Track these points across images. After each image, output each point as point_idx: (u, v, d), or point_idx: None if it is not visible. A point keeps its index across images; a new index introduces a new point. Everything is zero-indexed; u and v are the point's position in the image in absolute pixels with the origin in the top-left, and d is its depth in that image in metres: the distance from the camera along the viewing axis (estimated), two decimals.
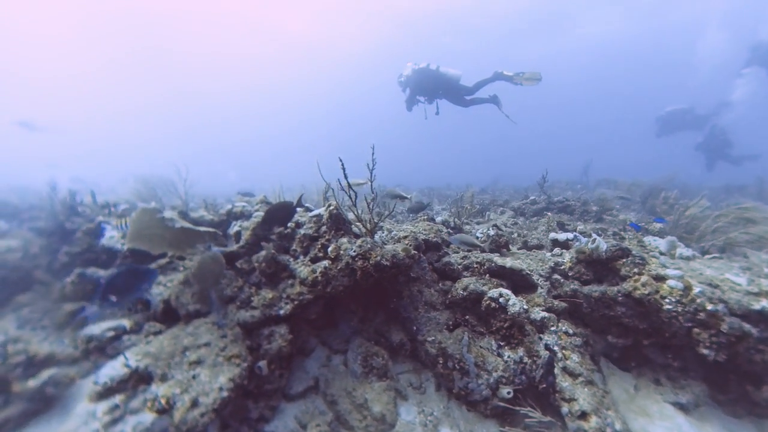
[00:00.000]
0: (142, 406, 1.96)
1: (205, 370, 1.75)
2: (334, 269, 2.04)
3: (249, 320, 2.17)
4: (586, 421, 1.66)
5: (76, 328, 2.75)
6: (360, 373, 2.36)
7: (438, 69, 6.52)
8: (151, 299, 2.60)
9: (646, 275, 1.99)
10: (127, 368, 1.87)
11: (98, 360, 2.51)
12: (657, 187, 4.66)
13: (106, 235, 3.05)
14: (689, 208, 3.30)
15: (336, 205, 2.36)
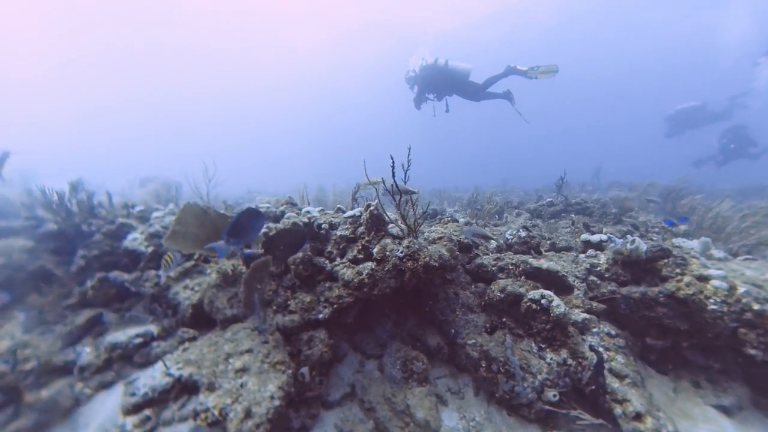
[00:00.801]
0: (178, 416, 1.95)
1: (252, 378, 1.74)
2: (381, 271, 2.07)
3: (288, 325, 2.18)
4: (642, 422, 1.71)
5: (96, 336, 2.72)
6: (399, 379, 2.38)
7: (447, 64, 6.46)
8: (180, 302, 2.59)
9: (689, 275, 2.07)
10: (169, 377, 1.83)
11: (122, 369, 2.47)
12: (676, 189, 4.81)
13: (129, 237, 3.02)
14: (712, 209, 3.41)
15: (376, 206, 2.40)
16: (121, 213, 3.54)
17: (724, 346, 2.09)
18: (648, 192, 5.42)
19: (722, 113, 10.77)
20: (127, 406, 1.75)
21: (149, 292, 2.58)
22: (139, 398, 1.71)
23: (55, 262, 3.17)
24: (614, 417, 1.86)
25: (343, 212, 2.91)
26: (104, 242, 3.14)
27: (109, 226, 3.18)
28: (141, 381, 1.91)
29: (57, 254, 3.27)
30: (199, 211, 2.23)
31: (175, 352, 2.12)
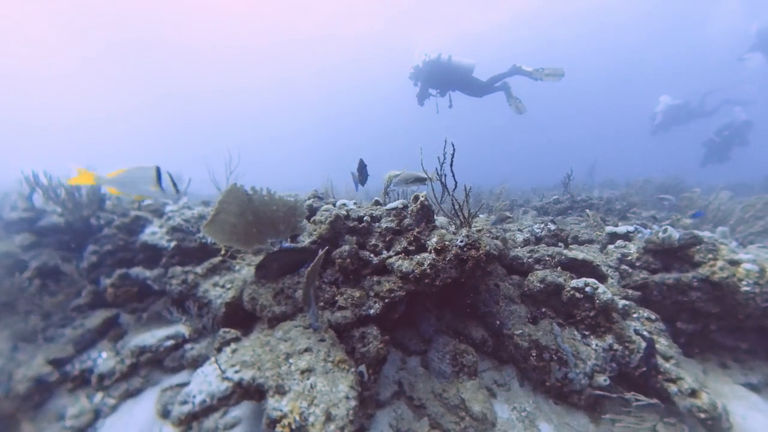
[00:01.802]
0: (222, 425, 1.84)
1: (320, 379, 1.65)
2: (442, 261, 2.09)
3: (341, 321, 2.13)
4: (698, 398, 1.84)
5: (113, 339, 2.53)
6: (450, 373, 2.40)
7: (450, 59, 6.51)
8: (211, 301, 2.47)
9: (721, 260, 2.26)
10: (228, 381, 1.68)
11: (150, 374, 2.30)
12: (672, 185, 5.21)
13: (147, 230, 2.84)
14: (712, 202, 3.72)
15: (426, 197, 2.41)
16: (131, 206, 3.32)
17: (750, 327, 2.29)
18: (645, 188, 5.84)
19: (702, 110, 11.65)
20: (179, 416, 1.57)
21: (176, 290, 2.44)
22: (196, 406, 1.56)
23: (61, 258, 2.92)
24: (668, 395, 1.98)
25: (381, 204, 2.90)
26: (118, 236, 2.93)
27: (122, 219, 2.97)
28: (194, 387, 1.72)
29: (62, 249, 3.02)
30: (243, 197, 2.12)
31: (223, 354, 1.97)
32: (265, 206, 2.18)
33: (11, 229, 2.97)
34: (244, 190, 2.12)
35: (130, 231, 3.01)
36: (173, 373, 2.26)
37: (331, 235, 2.50)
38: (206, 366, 1.77)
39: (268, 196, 2.16)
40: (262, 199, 2.15)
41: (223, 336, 2.05)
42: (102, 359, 2.30)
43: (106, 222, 3.20)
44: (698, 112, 11.68)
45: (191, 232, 2.87)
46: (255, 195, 2.14)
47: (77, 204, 2.99)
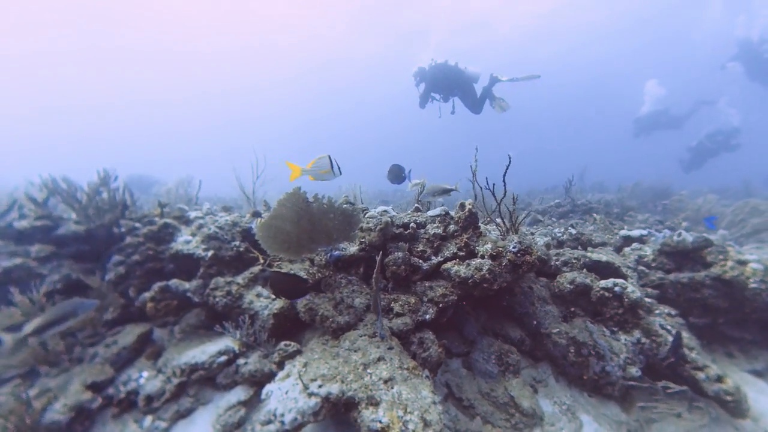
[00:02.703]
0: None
1: (403, 387, 1.70)
2: (498, 266, 2.23)
3: (403, 328, 2.22)
4: (724, 383, 2.11)
5: (151, 357, 2.45)
6: (496, 373, 2.55)
7: (457, 65, 6.65)
8: (258, 312, 2.46)
9: (731, 260, 2.58)
10: (314, 396, 1.63)
11: (200, 393, 2.22)
12: (662, 188, 5.75)
13: (180, 239, 2.77)
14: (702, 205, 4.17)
15: (473, 204, 2.55)
16: (154, 212, 3.19)
17: (754, 320, 2.63)
18: (636, 192, 6.38)
19: (682, 117, 12.73)
20: None
21: (221, 302, 2.40)
22: (287, 425, 1.53)
23: (82, 270, 2.78)
24: (696, 382, 2.24)
25: (420, 211, 3.01)
26: (146, 246, 2.82)
27: (149, 227, 2.87)
28: (277, 405, 1.67)
29: (82, 261, 2.86)
30: (302, 204, 2.13)
31: (293, 368, 1.91)
32: (322, 214, 2.22)
33: (24, 240, 2.78)
34: (305, 196, 2.15)
35: (158, 240, 2.92)
36: (225, 390, 2.20)
37: (380, 242, 2.58)
38: (281, 382, 1.78)
39: (328, 204, 2.21)
40: (321, 207, 2.19)
41: (284, 349, 2.06)
42: (144, 379, 2.21)
43: (127, 230, 3.07)
44: (677, 119, 12.78)
45: (227, 240, 2.83)
46: (315, 202, 2.17)
47: (99, 210, 2.85)
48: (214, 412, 2.08)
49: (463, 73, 6.63)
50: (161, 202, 3.30)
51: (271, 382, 1.86)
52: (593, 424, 2.38)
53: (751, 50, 10.71)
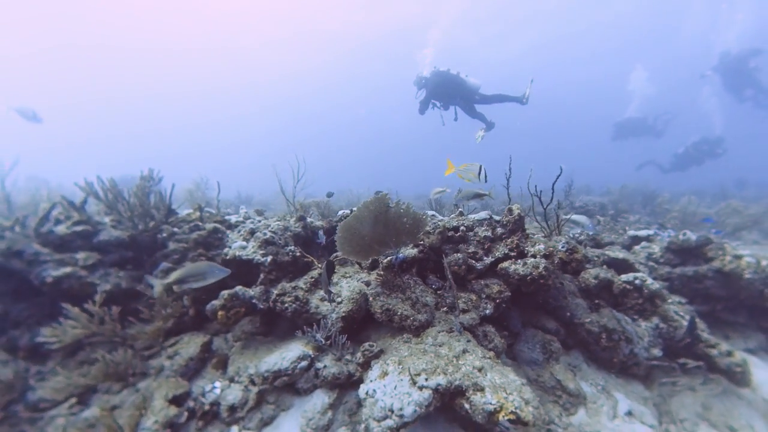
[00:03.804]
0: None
1: (494, 373, 1.91)
2: (551, 264, 2.52)
3: (471, 323, 2.45)
4: (734, 357, 2.55)
5: (218, 366, 2.47)
6: (542, 360, 2.86)
7: (458, 74, 6.87)
8: (326, 316, 2.57)
9: (729, 255, 3.08)
10: (426, 389, 1.77)
11: (280, 399, 2.26)
12: (648, 191, 6.46)
13: (236, 245, 2.80)
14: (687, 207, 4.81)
15: (520, 208, 2.83)
16: (192, 216, 3.16)
17: (747, 306, 3.15)
18: (623, 194, 7.10)
19: (656, 126, 13.98)
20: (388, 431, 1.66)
21: (291, 308, 2.49)
22: (407, 417, 1.66)
23: (128, 278, 2.72)
24: (710, 357, 2.68)
25: (463, 215, 3.25)
26: (197, 252, 2.82)
27: (199, 233, 2.87)
28: (389, 401, 1.77)
29: (125, 268, 2.80)
30: (382, 208, 2.29)
31: (388, 366, 2.00)
32: (397, 218, 2.39)
33: (65, 247, 2.67)
34: (387, 200, 2.30)
35: (206, 245, 2.92)
36: (305, 395, 2.26)
37: (438, 245, 2.78)
38: (380, 380, 1.92)
39: (405, 208, 2.38)
40: (398, 211, 2.36)
41: (369, 349, 2.20)
42: (219, 389, 2.22)
43: (168, 235, 3.03)
44: (652, 128, 14.07)
45: (281, 245, 2.90)
46: (394, 207, 2.34)
47: (147, 213, 2.80)
48: (297, 417, 2.15)
49: (464, 83, 6.84)
50: (199, 205, 3.27)
51: (366, 382, 2.00)
52: (626, 400, 2.75)
53: (729, 63, 11.76)
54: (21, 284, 2.79)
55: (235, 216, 3.45)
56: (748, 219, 4.06)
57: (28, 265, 2.44)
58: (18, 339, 2.48)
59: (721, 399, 2.69)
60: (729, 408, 2.61)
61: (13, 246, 2.42)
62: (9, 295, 2.73)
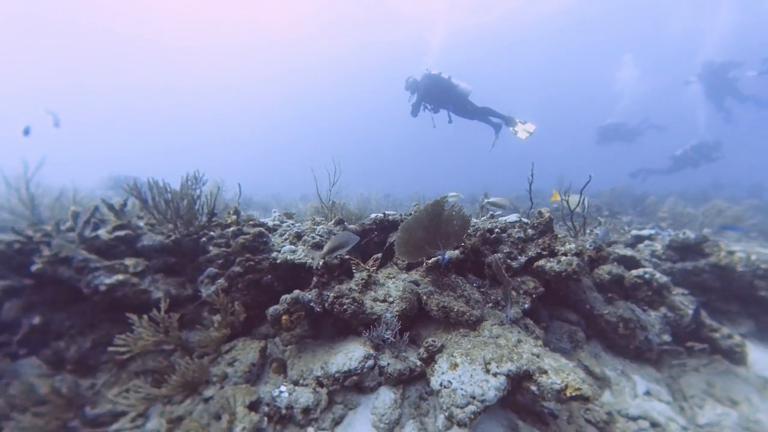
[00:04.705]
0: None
1: (548, 359, 2.15)
2: (582, 261, 2.83)
3: (516, 316, 2.71)
4: (734, 338, 2.98)
5: (278, 371, 2.55)
6: (569, 348, 3.17)
7: (450, 79, 6.95)
8: (380, 316, 2.73)
9: (723, 251, 3.54)
10: (500, 375, 2.00)
11: (347, 398, 2.38)
12: (641, 194, 7.07)
13: (286, 249, 2.89)
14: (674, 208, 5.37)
15: (549, 211, 3.12)
16: (228, 220, 3.20)
17: (738, 296, 3.64)
18: (614, 196, 7.71)
19: (636, 131, 14.99)
20: (470, 416, 1.86)
21: (350, 309, 2.61)
22: (489, 401, 1.88)
23: (174, 284, 2.75)
24: (713, 340, 3.10)
25: (494, 218, 3.51)
26: (244, 256, 2.88)
27: (244, 237, 2.92)
28: (470, 389, 1.97)
29: (168, 274, 2.81)
30: (439, 210, 2.48)
31: (456, 359, 2.21)
32: (449, 220, 2.60)
33: (108, 253, 2.64)
34: (444, 202, 2.49)
35: (252, 249, 2.98)
36: (370, 392, 2.38)
37: (479, 246, 3.02)
38: (452, 371, 2.11)
39: (457, 211, 2.58)
40: (451, 214, 2.56)
41: (433, 345, 2.39)
42: (286, 393, 2.28)
43: (207, 239, 3.05)
44: (633, 132, 15.11)
45: None
46: (448, 210, 2.54)
47: (194, 217, 2.81)
48: (366, 414, 2.28)
49: (455, 87, 6.92)
50: (236, 208, 3.31)
51: (437, 375, 2.19)
52: (643, 382, 3.12)
53: (712, 73, 12.63)
54: (58, 293, 2.73)
55: (269, 219, 3.51)
56: (729, 218, 4.67)
57: (77, 272, 2.41)
58: (64, 351, 2.44)
59: (722, 377, 3.12)
60: (729, 384, 3.04)
61: (60, 253, 2.38)
62: (46, 304, 2.67)
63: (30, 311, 2.57)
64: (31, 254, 2.60)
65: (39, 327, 2.48)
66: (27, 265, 2.59)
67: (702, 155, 12.75)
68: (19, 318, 2.53)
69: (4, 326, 2.69)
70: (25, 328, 2.46)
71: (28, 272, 2.46)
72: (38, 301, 2.62)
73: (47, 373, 2.47)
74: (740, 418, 2.70)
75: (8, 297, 2.60)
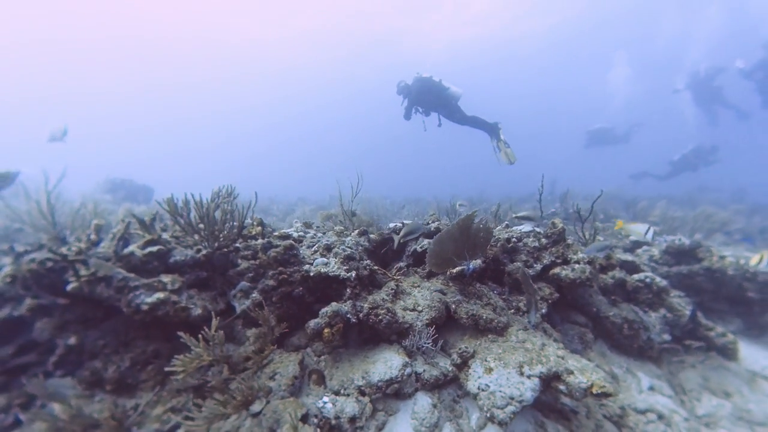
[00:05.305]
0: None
1: (572, 360, 2.41)
2: (594, 268, 3.11)
3: (535, 321, 2.95)
4: (727, 336, 3.34)
5: (318, 382, 2.68)
6: (581, 349, 3.46)
7: (441, 82, 7.08)
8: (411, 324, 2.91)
9: (716, 255, 3.93)
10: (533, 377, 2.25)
11: (387, 405, 2.53)
12: (632, 198, 7.54)
13: (319, 261, 3.02)
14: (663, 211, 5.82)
15: (562, 221, 3.39)
16: (252, 231, 3.29)
17: (728, 297, 4.05)
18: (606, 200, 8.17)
19: (621, 136, 15.75)
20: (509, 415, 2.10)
21: (384, 320, 2.77)
22: (526, 401, 2.13)
23: (210, 299, 2.84)
24: (709, 338, 3.46)
25: (509, 227, 3.76)
26: (277, 269, 3.00)
27: (275, 250, 3.04)
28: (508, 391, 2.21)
29: (202, 289, 2.89)
30: (469, 223, 2.69)
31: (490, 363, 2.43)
32: (476, 233, 2.81)
33: (140, 269, 2.70)
34: (474, 218, 2.70)
35: (282, 262, 3.10)
36: (408, 398, 2.55)
37: (499, 255, 3.25)
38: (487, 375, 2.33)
39: (484, 224, 2.79)
40: (478, 227, 2.77)
41: (466, 351, 2.60)
42: (329, 403, 2.38)
43: (235, 252, 3.15)
44: (620, 138, 15.86)
45: (357, 259, 3.18)
46: (476, 224, 2.75)
47: (230, 232, 2.90)
48: (407, 419, 2.44)
49: (446, 90, 7.04)
50: (260, 220, 3.41)
51: (473, 379, 2.40)
52: (646, 378, 3.44)
53: (698, 82, 13.40)
54: (88, 310, 2.76)
55: (293, 230, 3.62)
56: (716, 223, 5.13)
57: (117, 291, 2.46)
58: (102, 371, 2.49)
59: (716, 372, 3.48)
60: (723, 378, 3.41)
61: (98, 272, 2.43)
62: (78, 322, 2.70)
63: (63, 330, 2.60)
64: (62, 272, 2.62)
65: (75, 347, 2.51)
66: (58, 283, 2.62)
67: (700, 159, 13.23)
68: (53, 338, 2.56)
69: (32, 344, 2.71)
70: (62, 348, 2.49)
71: (63, 291, 2.50)
72: (71, 320, 2.65)
73: (84, 393, 2.52)
74: (734, 408, 3.05)
75: (39, 316, 2.62)
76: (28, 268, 2.45)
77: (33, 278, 2.51)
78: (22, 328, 2.75)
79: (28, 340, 2.74)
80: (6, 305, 2.73)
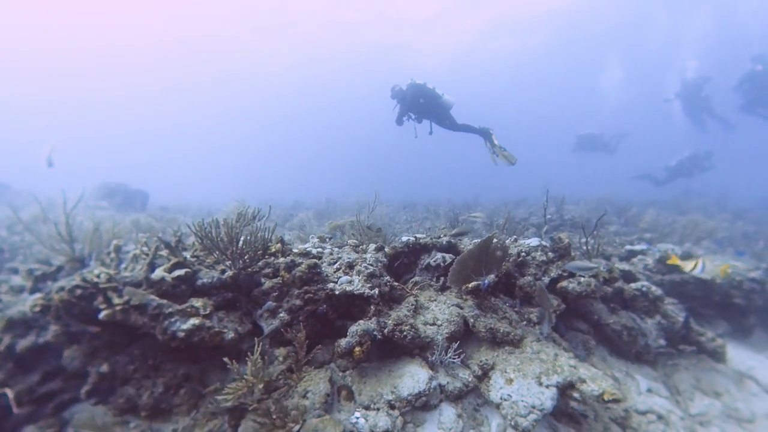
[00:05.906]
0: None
1: (583, 368, 2.70)
2: (597, 281, 3.41)
3: (548, 332, 3.22)
4: (717, 341, 3.71)
5: (347, 398, 2.86)
6: (585, 355, 3.77)
7: (434, 89, 7.24)
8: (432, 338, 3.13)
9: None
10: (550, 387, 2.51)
11: (413, 417, 2.70)
12: (625, 203, 8.00)
13: (343, 279, 3.19)
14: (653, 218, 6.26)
15: (569, 237, 3.68)
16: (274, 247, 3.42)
17: (716, 303, 4.45)
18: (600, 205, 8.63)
19: (610, 143, 16.38)
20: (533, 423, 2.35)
21: (408, 335, 2.96)
22: (547, 409, 2.41)
23: (238, 321, 2.97)
24: (700, 343, 3.83)
25: (516, 241, 4.03)
26: (302, 288, 3.15)
27: (299, 269, 3.18)
28: (531, 401, 2.46)
29: (228, 310, 3.01)
30: (489, 243, 2.93)
31: (510, 374, 2.69)
32: (494, 250, 3.05)
33: (171, 293, 2.80)
34: (495, 238, 2.93)
35: (306, 280, 3.25)
36: (433, 409, 2.73)
37: (511, 270, 3.51)
38: (508, 386, 2.58)
39: (501, 243, 3.03)
40: (496, 245, 3.01)
41: (486, 362, 2.83)
42: (362, 419, 2.54)
43: (259, 272, 3.28)
44: (607, 145, 16.50)
45: (378, 275, 3.36)
46: (494, 243, 2.98)
47: (256, 252, 3.02)
48: (433, 428, 2.64)
49: (439, 98, 7.20)
50: (281, 238, 3.55)
51: (495, 389, 2.63)
52: (644, 380, 3.78)
53: (689, 91, 13.92)
54: (115, 335, 2.84)
55: (310, 245, 3.77)
56: (704, 231, 5.59)
57: (152, 319, 2.56)
58: (136, 397, 2.59)
59: (707, 373, 3.86)
60: (712, 379, 3.78)
61: (132, 300, 2.52)
62: (107, 348, 2.78)
63: (94, 357, 2.67)
64: (90, 299, 2.69)
65: (107, 374, 2.60)
66: (87, 310, 2.69)
67: (696, 165, 13.66)
68: (84, 365, 2.63)
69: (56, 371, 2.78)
70: (94, 376, 2.57)
71: (93, 318, 2.57)
72: (99, 346, 2.73)
73: (117, 420, 2.60)
74: (724, 406, 3.41)
75: (68, 343, 2.68)
76: (60, 298, 2.52)
77: (65, 308, 2.58)
78: (46, 355, 2.81)
79: (52, 367, 2.80)
80: (30, 332, 2.79)
